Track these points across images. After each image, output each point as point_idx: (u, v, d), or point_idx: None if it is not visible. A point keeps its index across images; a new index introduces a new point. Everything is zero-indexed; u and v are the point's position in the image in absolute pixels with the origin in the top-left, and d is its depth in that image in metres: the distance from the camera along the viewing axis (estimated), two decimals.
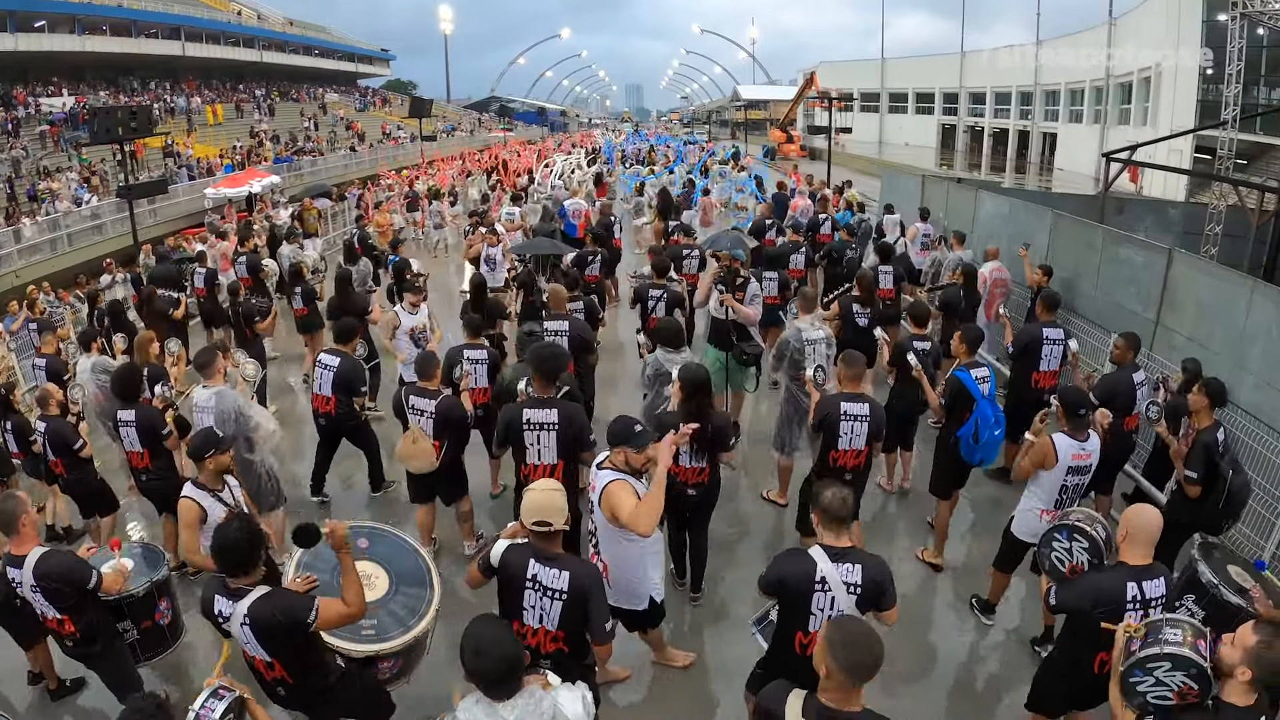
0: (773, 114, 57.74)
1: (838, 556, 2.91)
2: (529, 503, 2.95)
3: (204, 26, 41.61)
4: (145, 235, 18.69)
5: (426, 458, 4.79)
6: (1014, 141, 42.32)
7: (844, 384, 4.47)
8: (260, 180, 20.34)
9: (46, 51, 32.59)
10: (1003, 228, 9.34)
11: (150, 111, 13.47)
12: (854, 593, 2.88)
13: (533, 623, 2.98)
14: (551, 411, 4.12)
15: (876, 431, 4.39)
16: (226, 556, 2.82)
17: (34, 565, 3.38)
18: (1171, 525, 4.24)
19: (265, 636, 2.80)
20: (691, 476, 4.32)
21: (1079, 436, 4.07)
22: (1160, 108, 27.36)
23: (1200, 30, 24.97)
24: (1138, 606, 2.93)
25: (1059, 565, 3.28)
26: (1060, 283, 7.18)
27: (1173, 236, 12.67)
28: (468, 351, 5.53)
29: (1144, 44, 28.61)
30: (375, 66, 64.05)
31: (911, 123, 50.47)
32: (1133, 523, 3.00)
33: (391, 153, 37.20)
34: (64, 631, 3.55)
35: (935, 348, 5.67)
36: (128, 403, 4.89)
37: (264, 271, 10.01)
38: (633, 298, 6.98)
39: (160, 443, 4.87)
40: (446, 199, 17.20)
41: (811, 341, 5.54)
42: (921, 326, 5.71)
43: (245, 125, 36.16)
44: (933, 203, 11.17)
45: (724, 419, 4.40)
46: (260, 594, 2.80)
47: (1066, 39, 36.29)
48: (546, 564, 2.93)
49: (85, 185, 21.23)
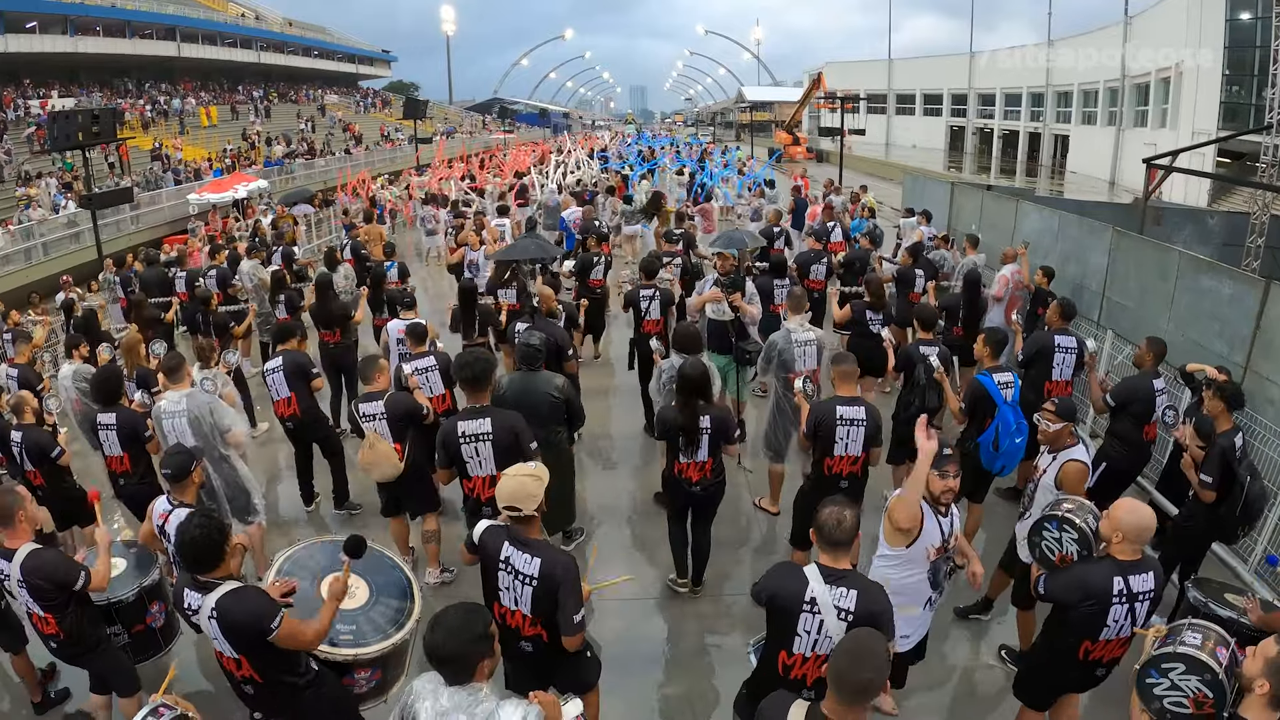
0: (778, 116, 56.99)
1: (833, 578, 2.75)
2: (502, 488, 2.98)
3: (200, 27, 41.13)
4: (127, 243, 18.13)
5: (388, 460, 4.61)
6: (1024, 144, 41.54)
7: (837, 386, 4.33)
8: (246, 184, 19.55)
9: (38, 53, 32.10)
10: (1051, 245, 8.21)
11: (114, 114, 12.54)
12: (845, 619, 2.70)
13: (509, 605, 3.02)
14: (484, 421, 4.03)
15: (874, 435, 4.24)
16: (187, 552, 2.83)
17: (22, 560, 3.37)
18: (1188, 533, 4.25)
19: (231, 632, 2.81)
20: (695, 472, 4.31)
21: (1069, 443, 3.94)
22: (1181, 109, 26.48)
23: (1224, 30, 24.12)
24: (1124, 600, 2.93)
25: (1049, 554, 3.21)
26: (1128, 315, 6.16)
27: (1211, 248, 11.79)
28: (414, 362, 5.42)
29: (1162, 44, 27.79)
30: (376, 68, 63.56)
31: (919, 124, 49.88)
32: (1125, 520, 2.94)
33: (389, 155, 36.43)
34: (47, 631, 3.50)
35: (944, 352, 5.40)
36: (108, 406, 4.79)
37: (233, 287, 9.44)
38: (624, 303, 6.92)
39: (142, 446, 4.79)
40: (440, 204, 16.38)
41: (801, 344, 5.39)
42: (929, 330, 5.56)
43: (240, 127, 35.48)
44: (964, 213, 10.21)
45: (725, 412, 4.38)
46: (229, 589, 2.81)
47: (1080, 38, 35.55)
48: (520, 548, 2.96)
49: (64, 191, 20.41)
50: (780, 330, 5.60)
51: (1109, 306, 6.67)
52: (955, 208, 10.62)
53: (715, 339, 6.24)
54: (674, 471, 4.44)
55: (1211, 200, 22.95)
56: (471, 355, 4.21)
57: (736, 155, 27.24)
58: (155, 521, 3.77)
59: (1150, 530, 2.97)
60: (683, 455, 4.32)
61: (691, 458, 4.32)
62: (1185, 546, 4.31)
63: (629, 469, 6.57)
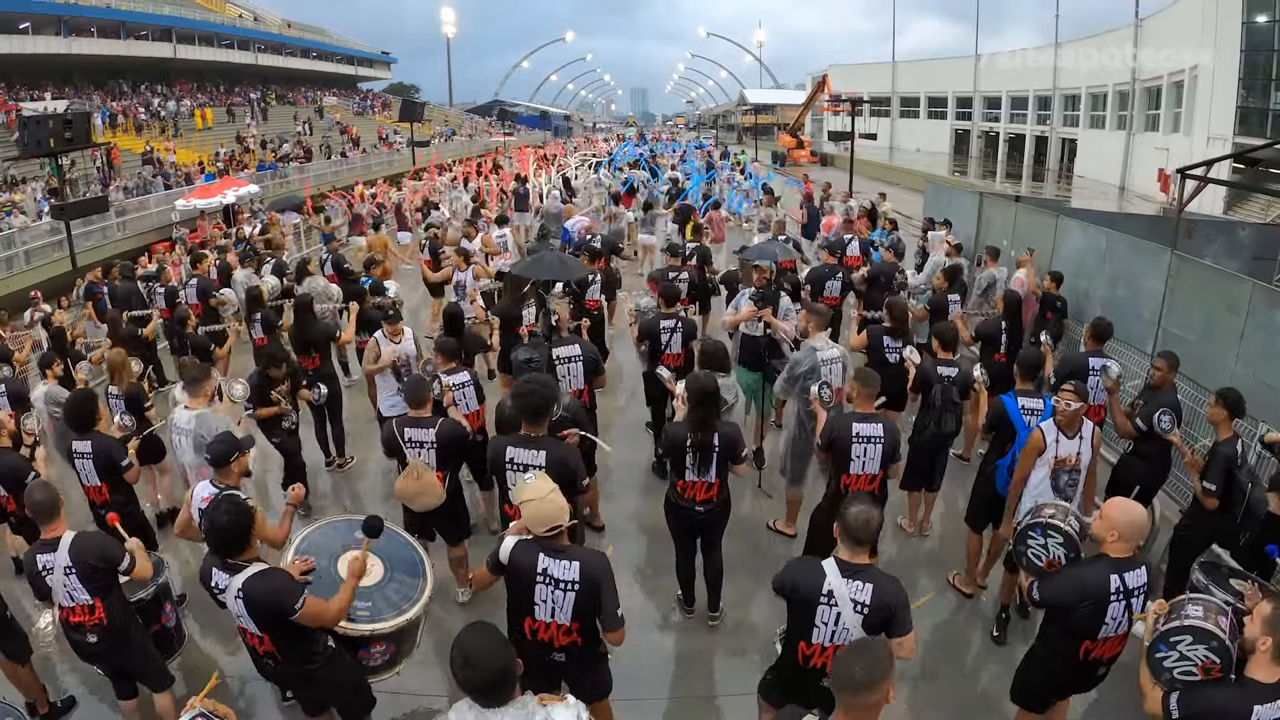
0: (780, 119, 56.42)
1: (850, 572, 2.84)
2: (534, 516, 2.93)
3: (196, 28, 40.64)
4: (114, 250, 17.50)
5: (434, 492, 4.38)
6: (1030, 147, 40.97)
7: (857, 403, 4.18)
8: (236, 190, 18.91)
9: (30, 54, 31.58)
10: (1098, 265, 7.36)
11: (88, 118, 11.90)
12: (860, 611, 2.79)
13: (545, 617, 2.98)
14: (539, 453, 3.79)
15: (891, 453, 4.11)
16: (216, 538, 2.98)
17: (70, 544, 3.38)
18: (1187, 539, 4.24)
19: (256, 612, 2.94)
20: (700, 493, 4.12)
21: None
22: (1195, 113, 25.85)
23: (1240, 32, 23.51)
24: (1120, 597, 2.98)
25: (1035, 561, 3.23)
26: (1189, 350, 5.48)
27: (1241, 262, 11.13)
28: (448, 377, 5.10)
29: (1175, 46, 27.17)
30: (376, 70, 63.06)
31: (923, 127, 49.39)
32: (1120, 519, 3.00)
33: (386, 158, 35.83)
34: (92, 620, 3.43)
35: (964, 373, 5.12)
36: (82, 433, 4.52)
37: (214, 299, 8.84)
38: (638, 335, 6.07)
39: (119, 476, 4.53)
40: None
41: (827, 361, 5.15)
42: (948, 350, 5.32)
43: (235, 130, 34.90)
44: (993, 227, 9.51)
45: (734, 429, 4.18)
46: (256, 570, 2.96)
47: (1088, 40, 34.94)
48: (556, 557, 2.94)
49: (49, 197, 19.77)
50: (803, 348, 5.31)
51: (1165, 338, 6.02)
52: (984, 221, 9.84)
53: (747, 354, 6.01)
54: (678, 492, 4.19)
55: (1227, 208, 22.37)
56: (530, 385, 3.92)
57: (739, 158, 26.70)
58: (197, 504, 3.74)
59: (1144, 527, 3.10)
60: (690, 473, 4.08)
61: (700, 476, 4.08)
62: (1188, 552, 4.26)
63: (635, 489, 6.17)
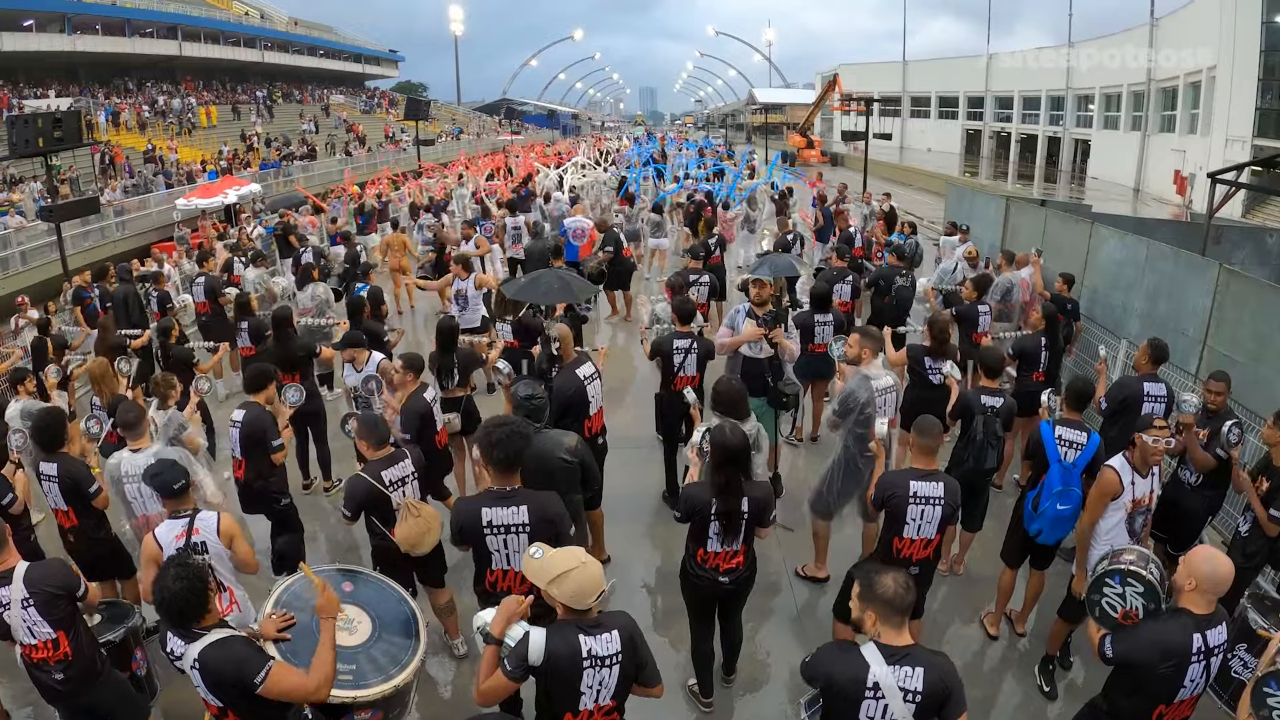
0: (790, 118, 56.02)
1: (895, 658, 2.52)
2: (575, 590, 2.57)
3: (202, 25, 40.56)
4: (112, 250, 17.26)
5: (436, 525, 4.00)
6: (1043, 148, 40.45)
7: (915, 457, 3.77)
8: (237, 189, 18.65)
9: (35, 51, 31.48)
10: (1137, 278, 6.85)
11: (78, 117, 11.60)
12: (912, 701, 2.50)
13: (589, 705, 2.69)
14: (519, 509, 3.32)
15: (950, 516, 3.70)
16: (169, 609, 2.62)
17: (24, 575, 3.20)
18: (1249, 570, 4.05)
19: (213, 685, 2.66)
20: (725, 562, 3.68)
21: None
22: (1214, 115, 25.32)
23: (1260, 32, 22.99)
24: (1201, 657, 2.78)
25: (1110, 612, 2.99)
26: (1238, 371, 5.07)
27: (1270, 269, 10.72)
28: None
29: (1192, 46, 26.64)
30: (383, 68, 62.93)
31: (934, 128, 48.89)
32: (1202, 572, 2.78)
33: (392, 156, 35.58)
34: (57, 655, 3.21)
35: (1008, 404, 4.77)
36: (50, 453, 4.23)
37: (223, 297, 8.53)
38: (650, 351, 5.82)
39: (87, 502, 4.24)
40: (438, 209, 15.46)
41: (882, 391, 4.67)
42: (993, 378, 4.86)
43: (241, 128, 34.73)
44: (1020, 233, 9.06)
45: (763, 490, 3.71)
46: (215, 639, 2.65)
47: (1102, 40, 34.41)
48: (595, 633, 2.65)
49: (46, 196, 19.53)
50: (856, 377, 4.80)
51: (1211, 358, 5.62)
52: (1010, 227, 9.35)
53: (749, 379, 5.44)
54: (698, 561, 3.70)
55: (1244, 212, 21.90)
56: (501, 432, 3.31)
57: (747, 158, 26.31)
58: (170, 547, 3.37)
59: (1228, 583, 2.83)
60: (713, 543, 3.61)
61: (726, 546, 3.62)
62: (1244, 583, 4.09)
63: (642, 527, 5.81)
